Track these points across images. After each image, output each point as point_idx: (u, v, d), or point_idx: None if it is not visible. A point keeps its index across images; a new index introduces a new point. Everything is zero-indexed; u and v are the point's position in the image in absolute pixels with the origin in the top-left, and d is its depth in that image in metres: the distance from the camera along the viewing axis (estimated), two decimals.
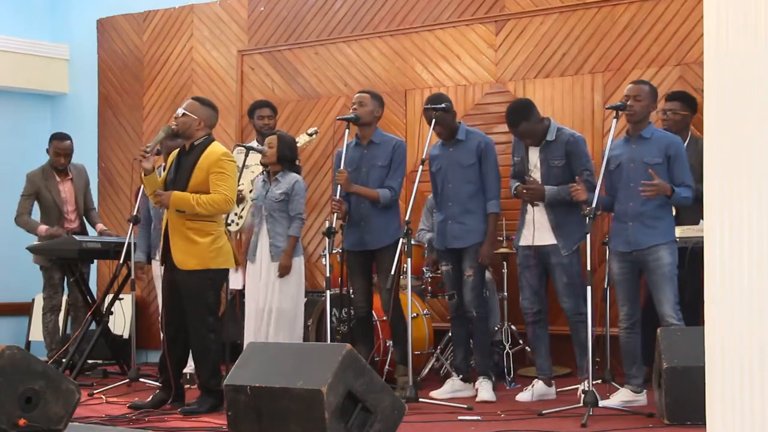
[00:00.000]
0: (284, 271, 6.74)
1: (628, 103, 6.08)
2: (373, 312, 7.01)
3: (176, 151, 6.34)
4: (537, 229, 6.48)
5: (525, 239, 6.55)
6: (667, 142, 6.08)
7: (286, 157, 6.85)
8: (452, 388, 6.66)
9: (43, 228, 8.15)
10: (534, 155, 6.56)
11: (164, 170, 6.42)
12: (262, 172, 7.09)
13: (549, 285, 6.62)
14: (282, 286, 6.76)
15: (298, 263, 6.85)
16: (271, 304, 6.75)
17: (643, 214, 6.01)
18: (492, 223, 6.71)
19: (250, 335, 6.79)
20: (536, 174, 6.53)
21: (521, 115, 6.48)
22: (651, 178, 5.94)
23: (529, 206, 6.54)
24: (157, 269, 7.29)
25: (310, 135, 7.91)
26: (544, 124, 6.55)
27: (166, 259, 6.16)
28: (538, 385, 6.47)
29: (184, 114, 6.15)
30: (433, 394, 6.57)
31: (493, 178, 6.72)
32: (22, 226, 8.28)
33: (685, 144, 6.76)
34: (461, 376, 6.73)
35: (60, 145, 8.28)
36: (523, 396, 6.44)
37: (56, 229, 8.15)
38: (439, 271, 7.14)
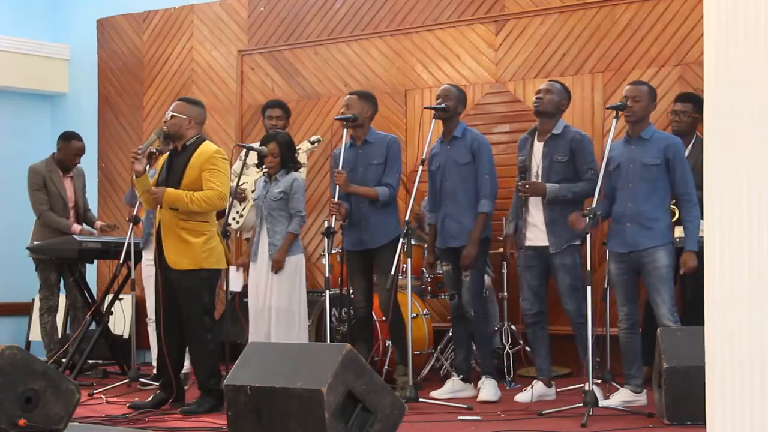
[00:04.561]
0: (277, 266, 6.67)
1: (627, 103, 6.06)
2: (373, 312, 7.01)
3: (167, 153, 6.35)
4: (537, 229, 6.43)
5: (527, 240, 6.48)
6: (666, 144, 6.04)
7: (288, 159, 6.84)
8: (452, 388, 6.65)
9: (77, 227, 8.09)
10: (538, 150, 6.48)
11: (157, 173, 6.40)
12: (263, 173, 7.07)
13: (550, 285, 6.60)
14: (280, 285, 6.71)
15: (298, 261, 6.80)
16: (270, 303, 6.72)
17: (641, 214, 5.99)
18: (480, 222, 6.59)
19: (254, 336, 6.74)
20: (539, 169, 6.44)
21: (563, 88, 6.54)
22: (650, 179, 5.94)
23: (528, 206, 6.47)
24: (147, 270, 7.30)
25: (313, 143, 7.65)
26: (556, 117, 6.50)
27: (160, 259, 6.16)
28: (538, 386, 6.45)
29: (173, 116, 6.17)
30: (434, 393, 6.57)
31: (486, 178, 6.63)
32: (49, 224, 8.10)
33: (691, 145, 6.75)
34: (461, 376, 6.73)
35: (77, 144, 8.26)
36: (523, 396, 6.43)
37: (87, 228, 8.16)
38: (440, 272, 7.14)
